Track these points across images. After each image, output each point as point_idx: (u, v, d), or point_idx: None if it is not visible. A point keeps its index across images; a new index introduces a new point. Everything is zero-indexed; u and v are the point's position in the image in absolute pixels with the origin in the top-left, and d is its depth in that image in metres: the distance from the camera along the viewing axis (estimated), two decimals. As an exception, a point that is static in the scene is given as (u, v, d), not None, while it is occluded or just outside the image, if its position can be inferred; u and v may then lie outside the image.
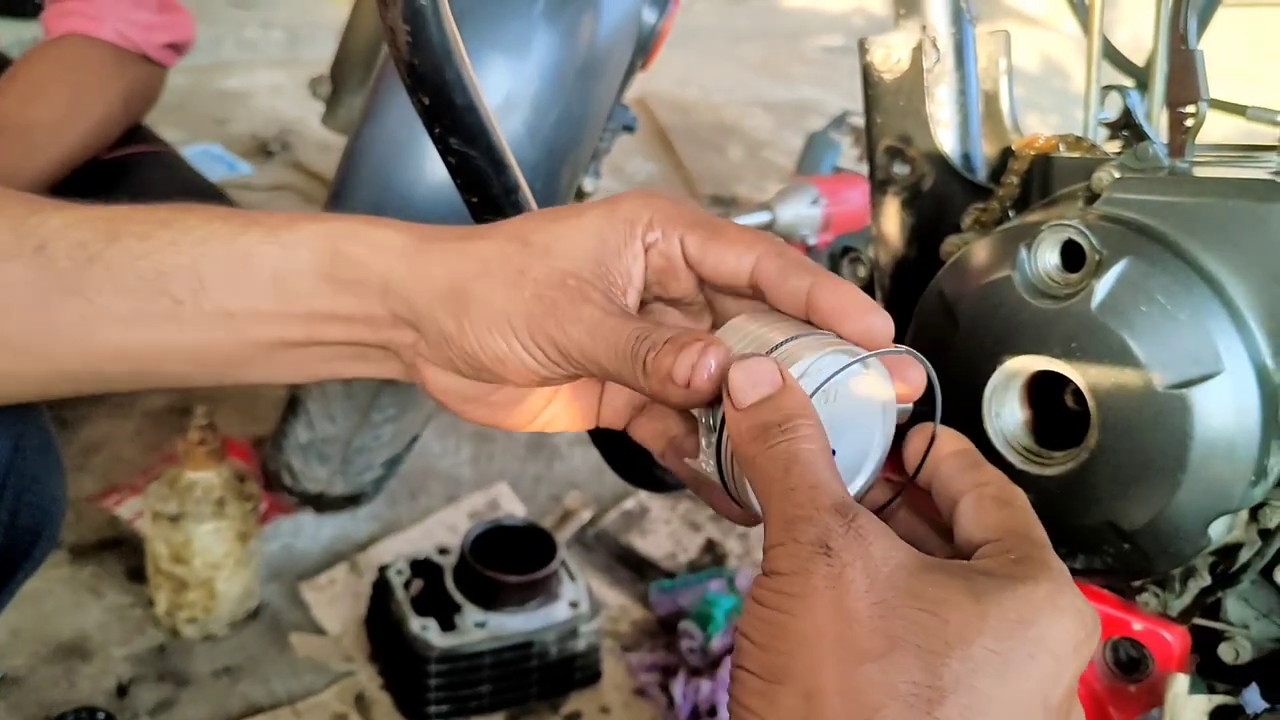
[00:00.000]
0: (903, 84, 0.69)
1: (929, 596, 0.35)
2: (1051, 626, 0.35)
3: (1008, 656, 0.34)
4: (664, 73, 2.84)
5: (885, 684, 0.33)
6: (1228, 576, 0.58)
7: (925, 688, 0.33)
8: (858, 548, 0.36)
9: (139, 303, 0.44)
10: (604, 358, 0.41)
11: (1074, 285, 0.55)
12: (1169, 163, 0.58)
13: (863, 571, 0.35)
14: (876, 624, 0.34)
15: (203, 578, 1.04)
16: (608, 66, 0.94)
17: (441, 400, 0.46)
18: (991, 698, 0.34)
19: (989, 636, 0.34)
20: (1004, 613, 0.35)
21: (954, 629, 0.34)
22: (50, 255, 0.44)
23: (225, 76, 2.54)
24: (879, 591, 0.35)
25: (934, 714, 0.33)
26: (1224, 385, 0.52)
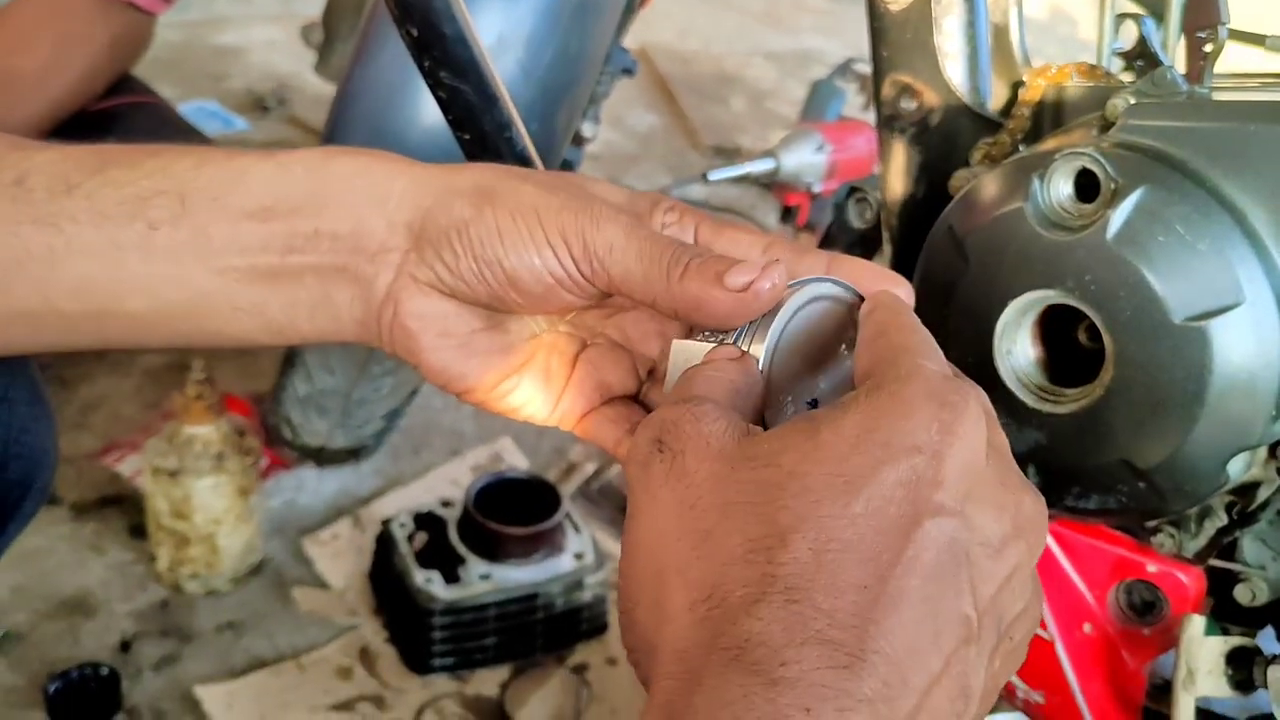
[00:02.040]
0: (909, 16, 0.67)
1: (763, 451, 0.32)
2: (900, 422, 0.31)
3: (853, 473, 0.30)
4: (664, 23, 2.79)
5: (723, 552, 0.30)
6: (1245, 516, 0.57)
7: (762, 539, 0.30)
8: (691, 432, 0.33)
9: (112, 230, 0.42)
10: (634, 258, 0.39)
11: (1088, 216, 0.53)
12: (1187, 89, 0.56)
13: (695, 455, 0.32)
14: (711, 499, 0.31)
15: (204, 533, 1.03)
16: (604, 5, 0.92)
17: (414, 332, 0.42)
18: (846, 519, 0.30)
19: (828, 463, 0.30)
20: (842, 433, 0.31)
21: (788, 471, 0.31)
22: (28, 187, 0.42)
23: (220, 32, 2.50)
24: (711, 466, 0.32)
25: (777, 560, 0.29)
26: (1244, 317, 0.50)
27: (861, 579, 0.29)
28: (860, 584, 0.29)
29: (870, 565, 0.29)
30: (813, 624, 0.28)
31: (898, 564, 0.29)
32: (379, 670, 1.01)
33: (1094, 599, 0.60)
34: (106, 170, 0.43)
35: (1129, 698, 0.60)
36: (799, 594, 0.29)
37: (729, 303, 0.38)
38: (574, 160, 1.12)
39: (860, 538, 0.29)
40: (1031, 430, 0.57)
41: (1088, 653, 0.61)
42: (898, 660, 0.28)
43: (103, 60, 1.14)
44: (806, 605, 0.29)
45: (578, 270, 0.40)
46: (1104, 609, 0.60)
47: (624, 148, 2.20)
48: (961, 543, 0.31)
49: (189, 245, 0.42)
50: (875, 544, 0.29)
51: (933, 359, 0.34)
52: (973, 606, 0.31)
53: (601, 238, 0.39)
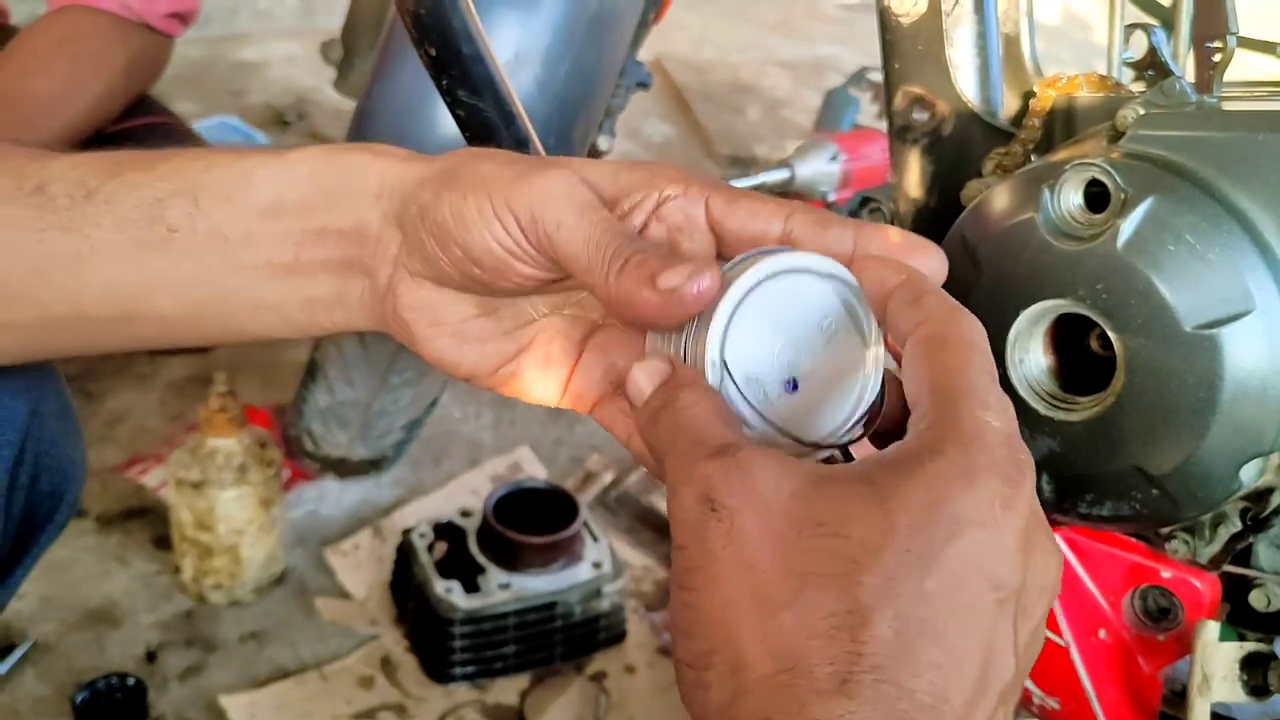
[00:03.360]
0: (921, 28, 0.67)
1: (828, 517, 0.32)
2: (966, 496, 0.31)
3: (925, 549, 0.31)
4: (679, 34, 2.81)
5: (803, 626, 0.31)
6: (1259, 521, 0.57)
7: (845, 615, 0.30)
8: (742, 490, 0.33)
9: (134, 233, 0.43)
10: (581, 242, 0.38)
11: (1099, 225, 0.53)
12: (1196, 98, 0.57)
13: (754, 515, 0.32)
14: (780, 566, 0.31)
15: (227, 544, 1.04)
16: (619, 19, 0.93)
17: (409, 323, 0.43)
18: (923, 598, 0.30)
19: (900, 537, 0.31)
20: (910, 505, 0.31)
21: (859, 543, 0.31)
22: (49, 194, 0.44)
23: (240, 48, 2.53)
24: (775, 530, 0.32)
25: (860, 638, 0.30)
26: (1255, 324, 0.51)
27: (937, 659, 0.30)
28: (936, 663, 0.30)
29: (943, 644, 0.30)
30: (898, 704, 0.30)
31: (968, 643, 0.31)
32: (400, 679, 1.02)
33: (1109, 605, 0.61)
34: (122, 174, 0.44)
35: (1145, 703, 0.61)
36: (885, 674, 0.30)
37: (655, 304, 0.37)
38: (590, 173, 1.13)
39: (935, 615, 0.31)
40: (1044, 438, 0.57)
41: (1103, 659, 0.61)
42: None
43: (119, 83, 1.15)
44: (892, 686, 0.30)
45: (526, 241, 0.39)
46: (1119, 615, 0.60)
47: (640, 158, 2.21)
48: (1011, 611, 0.32)
49: (207, 245, 0.43)
50: (948, 622, 0.31)
51: (993, 408, 0.34)
52: (1014, 667, 0.32)
53: (550, 213, 0.39)
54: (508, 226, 0.39)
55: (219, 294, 0.44)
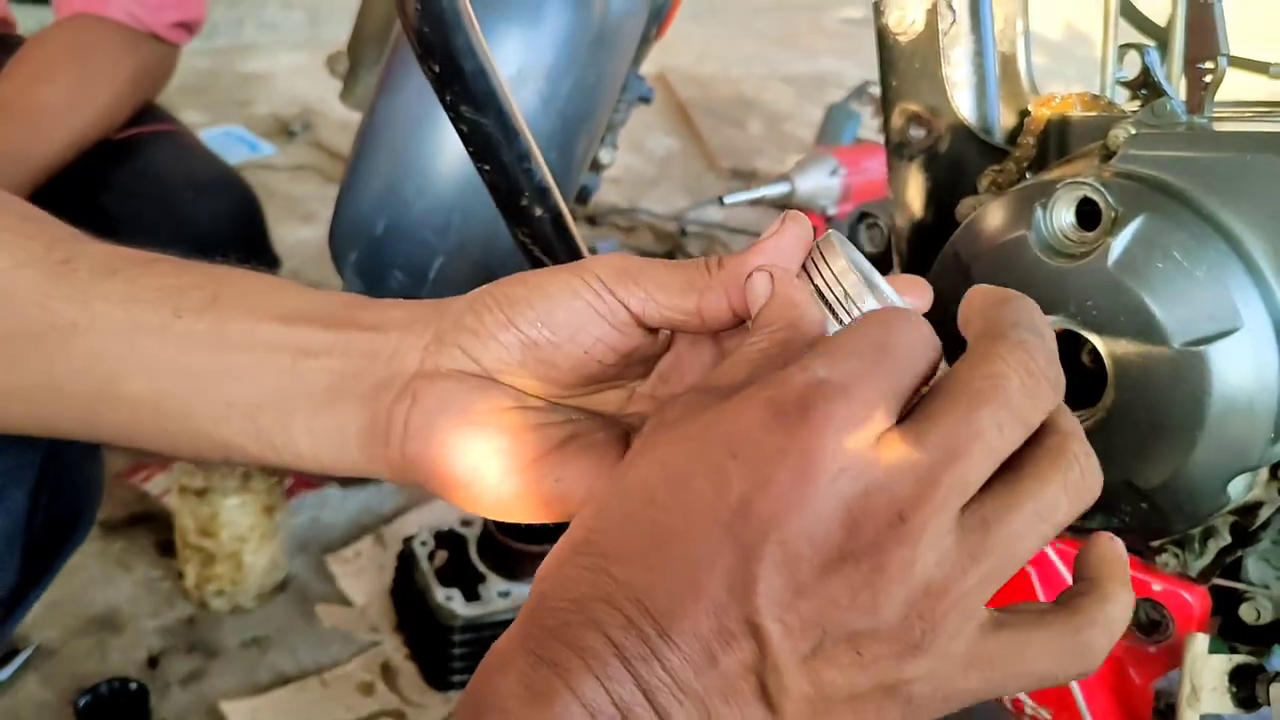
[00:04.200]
0: (918, 46, 0.68)
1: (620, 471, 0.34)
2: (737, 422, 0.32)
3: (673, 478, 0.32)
4: (682, 48, 2.82)
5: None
6: (1248, 536, 0.58)
7: (586, 542, 0.34)
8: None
9: (138, 312, 0.43)
10: (665, 270, 0.40)
11: (1090, 243, 0.54)
12: (1187, 119, 0.58)
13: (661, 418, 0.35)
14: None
15: (230, 550, 1.05)
16: (621, 36, 0.94)
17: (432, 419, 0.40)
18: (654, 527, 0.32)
19: (646, 467, 0.33)
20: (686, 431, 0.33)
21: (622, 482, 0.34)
22: (73, 267, 0.44)
23: (247, 58, 2.55)
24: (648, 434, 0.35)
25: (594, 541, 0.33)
26: (1242, 341, 0.51)
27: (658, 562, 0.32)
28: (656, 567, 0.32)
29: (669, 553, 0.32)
30: (602, 585, 0.32)
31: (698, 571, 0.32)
32: (400, 686, 1.03)
33: (1100, 617, 0.61)
34: (153, 265, 0.44)
35: (1136, 715, 0.61)
36: (605, 562, 0.32)
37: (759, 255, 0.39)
38: (592, 186, 1.15)
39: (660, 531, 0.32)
40: (1036, 451, 0.58)
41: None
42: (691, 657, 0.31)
43: (126, 91, 1.16)
44: (603, 574, 0.32)
45: (611, 294, 0.39)
46: (1110, 627, 0.61)
47: (643, 171, 2.23)
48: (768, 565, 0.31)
49: (205, 334, 0.42)
50: (676, 542, 0.32)
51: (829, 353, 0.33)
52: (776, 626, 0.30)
53: (631, 263, 0.40)
54: (592, 284, 0.40)
55: (192, 383, 0.42)
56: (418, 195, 0.90)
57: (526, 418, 0.40)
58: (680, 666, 0.29)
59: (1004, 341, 0.34)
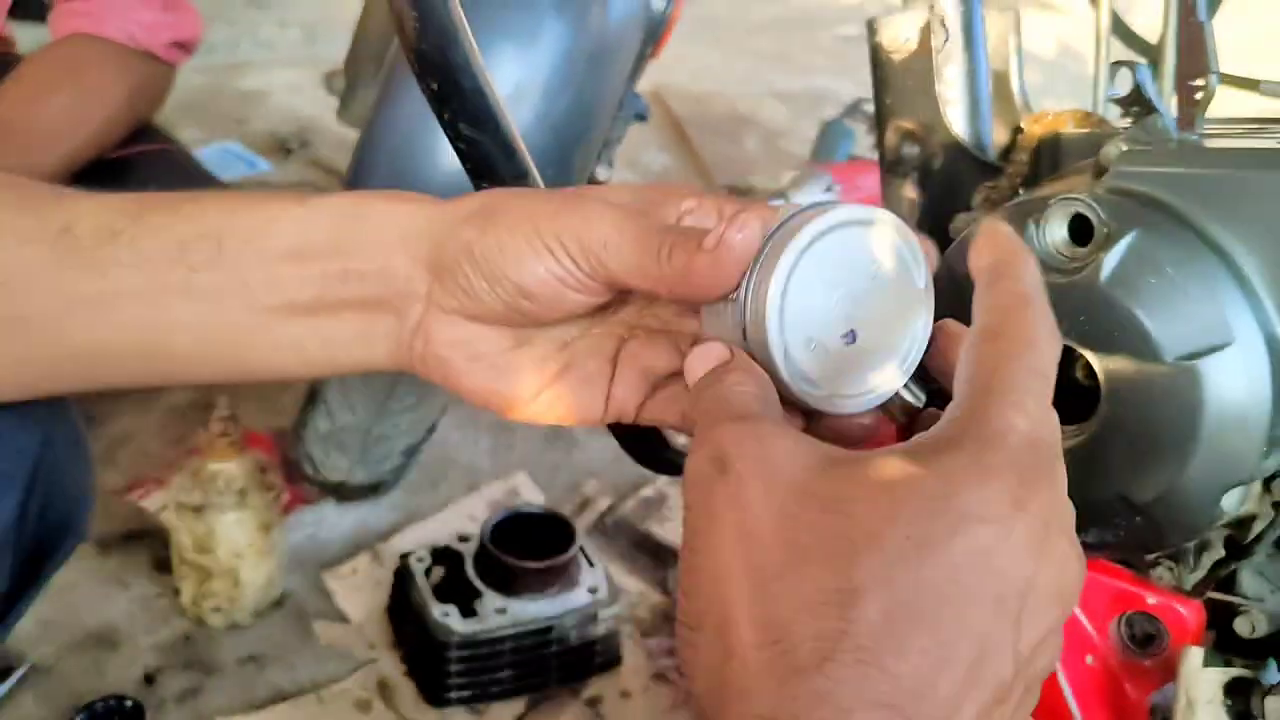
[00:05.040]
0: (912, 64, 0.69)
1: (834, 495, 0.32)
2: (977, 492, 0.31)
3: (927, 539, 0.31)
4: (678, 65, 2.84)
5: (793, 599, 0.31)
6: (1242, 549, 0.58)
7: (835, 593, 0.30)
8: (755, 456, 0.33)
9: (155, 273, 0.44)
10: (629, 248, 0.40)
11: (1082, 259, 0.55)
12: (1178, 135, 0.58)
13: (761, 483, 0.32)
14: (780, 537, 0.31)
15: (227, 567, 1.05)
16: (617, 54, 0.95)
17: (447, 360, 0.44)
18: (918, 586, 0.30)
19: (902, 524, 0.31)
20: (917, 494, 0.31)
21: (861, 525, 0.31)
22: (75, 235, 0.45)
23: (243, 76, 2.55)
24: (779, 501, 0.32)
25: (848, 617, 0.30)
26: (1234, 356, 0.52)
27: (924, 645, 0.30)
28: (923, 649, 0.30)
29: (933, 633, 0.30)
30: (879, 686, 0.30)
31: (958, 632, 0.31)
32: (397, 703, 1.02)
33: (1095, 631, 0.61)
34: (146, 216, 0.46)
35: (1132, 729, 0.61)
36: (867, 654, 0.30)
37: (705, 264, 0.38)
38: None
39: (928, 604, 0.30)
40: (1031, 466, 0.58)
41: (1090, 684, 0.62)
42: (946, 714, 0.30)
43: (121, 110, 1.16)
44: (874, 668, 0.30)
45: (578, 269, 0.41)
46: (1106, 641, 0.61)
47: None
48: (1014, 611, 0.32)
49: (228, 287, 0.44)
50: (941, 612, 0.31)
51: (1026, 409, 0.33)
52: (1012, 667, 0.32)
53: (595, 235, 0.40)
54: (558, 256, 0.41)
55: (237, 333, 0.45)
56: (415, 212, 0.90)
57: (522, 356, 0.44)
58: None
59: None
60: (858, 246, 0.39)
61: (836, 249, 0.39)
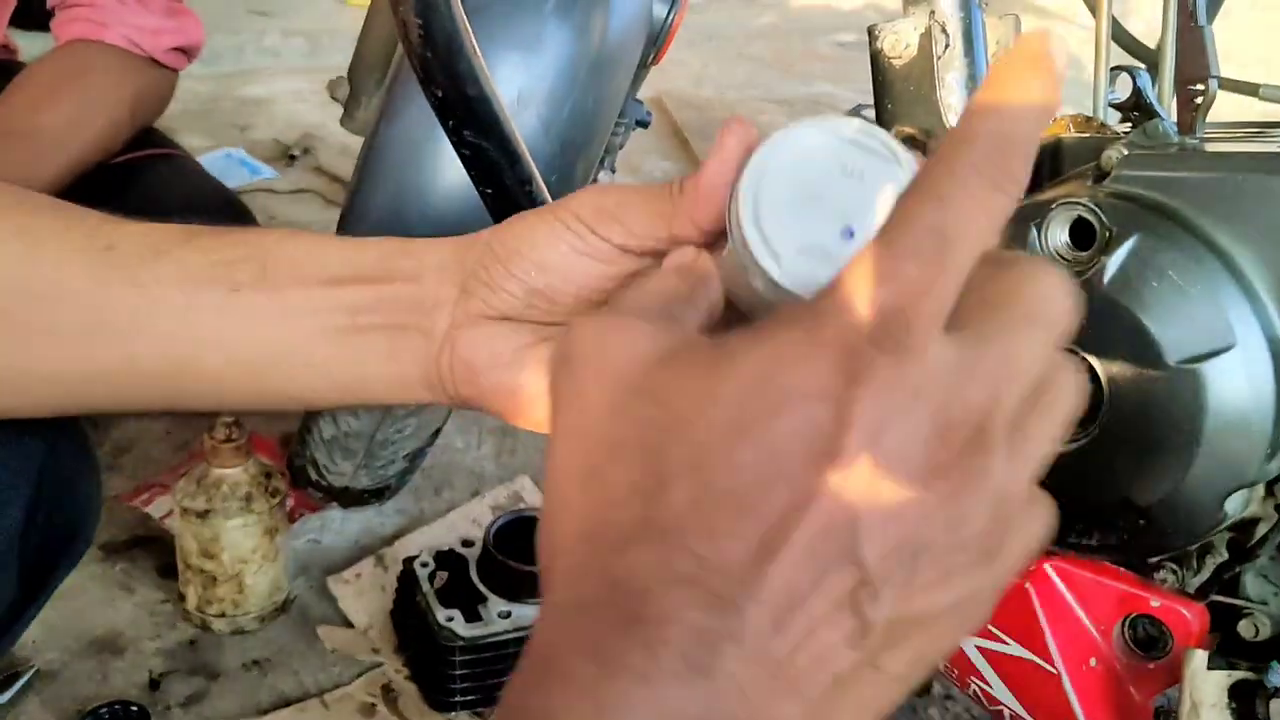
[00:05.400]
0: (912, 70, 0.70)
1: (658, 386, 0.30)
2: (802, 366, 0.28)
3: (744, 421, 0.28)
4: (679, 72, 2.84)
5: (607, 492, 0.29)
6: (1245, 552, 0.58)
7: (643, 483, 0.29)
8: (593, 351, 0.31)
9: (195, 291, 0.45)
10: (641, 202, 0.41)
11: (1085, 263, 0.55)
12: (1178, 139, 0.59)
13: (595, 377, 0.31)
14: (604, 433, 0.30)
15: (232, 572, 1.05)
16: (620, 61, 0.95)
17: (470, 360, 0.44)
18: (728, 468, 0.28)
19: (718, 408, 0.28)
20: (739, 376, 0.28)
21: (676, 413, 0.29)
22: (119, 252, 0.45)
23: (247, 83, 2.56)
24: (608, 395, 0.30)
25: (653, 505, 0.28)
26: (1237, 359, 0.52)
27: (739, 529, 0.28)
28: (735, 531, 0.28)
29: (750, 516, 0.28)
30: (681, 566, 0.28)
31: (780, 516, 0.28)
32: (401, 707, 1.02)
33: (1099, 634, 0.62)
34: (193, 240, 0.46)
35: (1136, 731, 0.62)
36: (671, 538, 0.28)
37: (715, 167, 0.38)
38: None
39: (742, 487, 0.28)
40: (1034, 469, 0.58)
41: (1094, 687, 0.62)
42: (773, 605, 0.27)
43: (123, 116, 1.16)
44: (677, 550, 0.28)
45: (591, 233, 0.42)
46: (1109, 644, 0.62)
47: (640, 193, 2.24)
48: (857, 489, 0.28)
49: (265, 306, 0.45)
50: (757, 495, 0.28)
51: (887, 275, 0.28)
52: (872, 549, 0.28)
53: (609, 198, 0.42)
54: (571, 225, 0.42)
55: (269, 353, 0.45)
56: (420, 219, 0.91)
57: (544, 351, 0.44)
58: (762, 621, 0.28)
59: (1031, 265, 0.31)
60: (822, 152, 0.38)
61: (800, 160, 0.38)
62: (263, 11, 2.92)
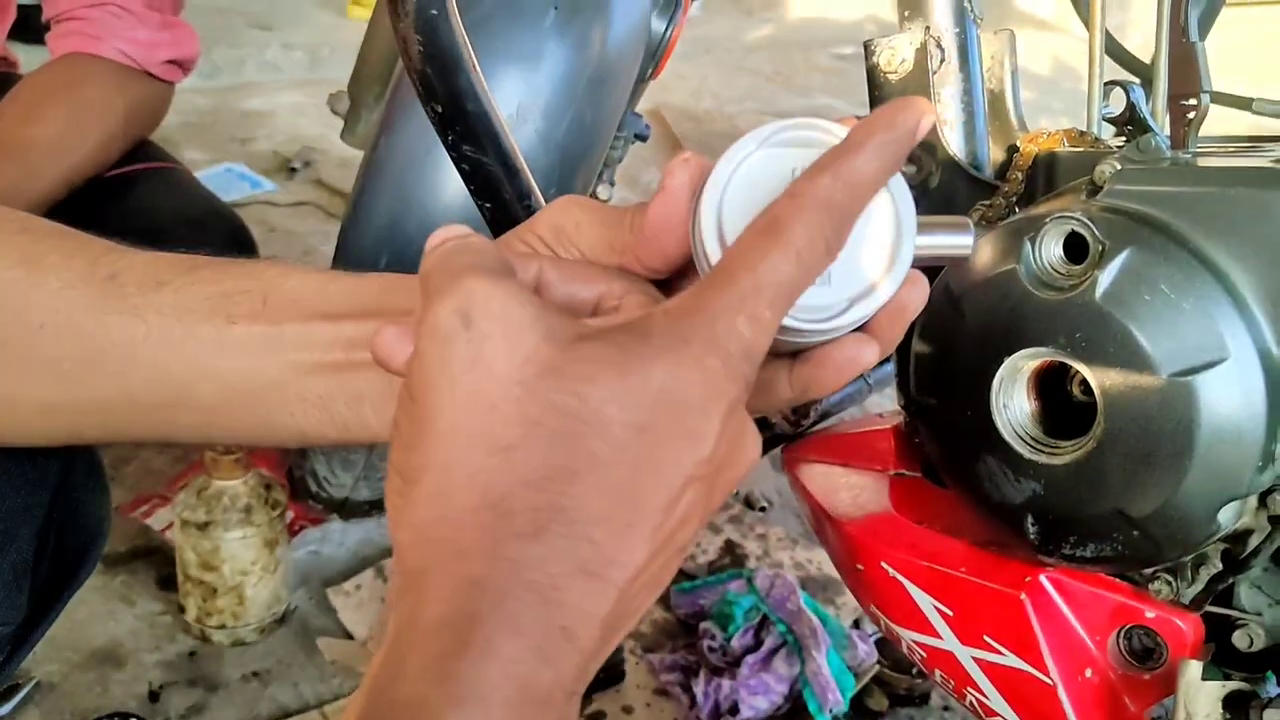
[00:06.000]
0: (908, 85, 0.70)
1: (573, 374, 0.33)
2: (697, 391, 0.34)
3: (647, 430, 0.33)
4: (678, 84, 2.86)
5: (519, 469, 0.32)
6: (1239, 563, 0.58)
7: (559, 469, 0.32)
8: (501, 317, 0.33)
9: (193, 323, 0.44)
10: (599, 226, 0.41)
11: (1078, 276, 0.56)
12: (1171, 154, 0.59)
13: (505, 347, 0.33)
14: (514, 409, 0.33)
15: (231, 584, 1.05)
16: (618, 75, 0.96)
17: None
18: (633, 469, 0.33)
19: (629, 411, 0.33)
20: (646, 388, 0.33)
21: (592, 407, 0.33)
22: (121, 282, 0.45)
23: (248, 97, 2.57)
24: (520, 371, 0.33)
25: (568, 493, 0.32)
26: (1229, 372, 0.53)
27: (630, 520, 0.33)
28: (628, 523, 0.33)
29: (639, 510, 0.33)
30: (583, 554, 0.32)
31: (661, 510, 0.34)
32: None
33: (1095, 645, 0.62)
34: (197, 271, 0.46)
35: (1132, 742, 0.62)
36: (580, 529, 0.32)
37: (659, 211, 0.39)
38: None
39: (638, 485, 0.33)
40: (1029, 481, 0.59)
41: (1090, 698, 0.62)
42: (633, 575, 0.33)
43: (118, 129, 1.16)
44: (584, 541, 0.32)
45: (551, 253, 0.42)
46: (1105, 655, 0.62)
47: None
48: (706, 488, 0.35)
49: (262, 339, 0.44)
50: (649, 492, 0.33)
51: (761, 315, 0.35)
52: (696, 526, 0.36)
53: (568, 217, 0.42)
54: (533, 244, 0.42)
55: (265, 387, 0.45)
56: (420, 232, 0.91)
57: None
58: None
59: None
60: (768, 163, 0.38)
61: (751, 178, 0.38)
62: (264, 25, 2.94)
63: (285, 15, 3.04)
